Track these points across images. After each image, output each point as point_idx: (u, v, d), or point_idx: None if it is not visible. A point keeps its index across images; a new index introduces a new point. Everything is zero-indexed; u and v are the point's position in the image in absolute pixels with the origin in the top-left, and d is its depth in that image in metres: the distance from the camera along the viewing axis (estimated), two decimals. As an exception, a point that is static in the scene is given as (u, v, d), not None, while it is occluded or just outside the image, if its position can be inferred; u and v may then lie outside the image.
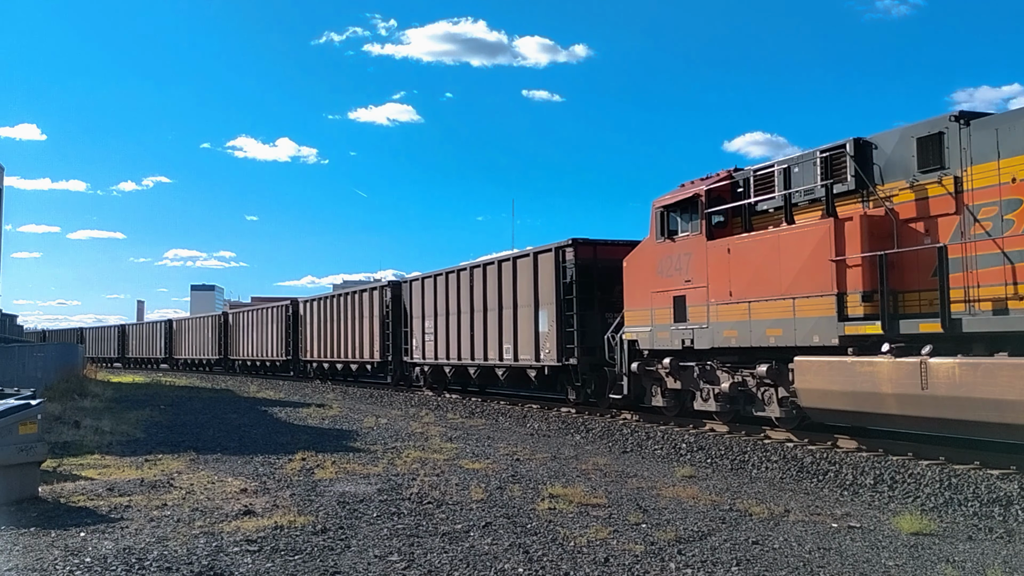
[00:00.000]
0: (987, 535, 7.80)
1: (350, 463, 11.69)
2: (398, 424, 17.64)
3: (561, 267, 18.85)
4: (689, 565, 6.51)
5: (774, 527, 7.91)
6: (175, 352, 57.27)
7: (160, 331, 60.09)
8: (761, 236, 12.89)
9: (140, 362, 63.86)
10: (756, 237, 13.00)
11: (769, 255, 12.50)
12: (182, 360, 56.26)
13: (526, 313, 20.31)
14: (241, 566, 6.41)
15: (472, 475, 10.70)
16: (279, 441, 14.70)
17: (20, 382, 17.69)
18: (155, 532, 7.52)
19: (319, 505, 8.74)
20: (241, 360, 46.42)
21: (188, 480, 10.40)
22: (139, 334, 64.87)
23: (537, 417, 18.35)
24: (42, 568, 6.37)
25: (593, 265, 18.53)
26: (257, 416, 20.08)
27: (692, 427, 15.03)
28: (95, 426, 16.29)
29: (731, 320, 13.25)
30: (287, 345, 39.08)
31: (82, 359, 40.94)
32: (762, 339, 12.61)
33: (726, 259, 13.44)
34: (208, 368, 52.26)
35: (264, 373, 44.19)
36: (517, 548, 6.97)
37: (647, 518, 8.16)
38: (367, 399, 26.34)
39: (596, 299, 18.23)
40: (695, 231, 14.30)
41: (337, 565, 6.49)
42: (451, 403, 23.05)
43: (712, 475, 11.29)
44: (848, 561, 6.71)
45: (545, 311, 19.40)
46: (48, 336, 79.09)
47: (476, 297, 22.76)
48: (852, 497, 9.74)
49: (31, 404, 9.19)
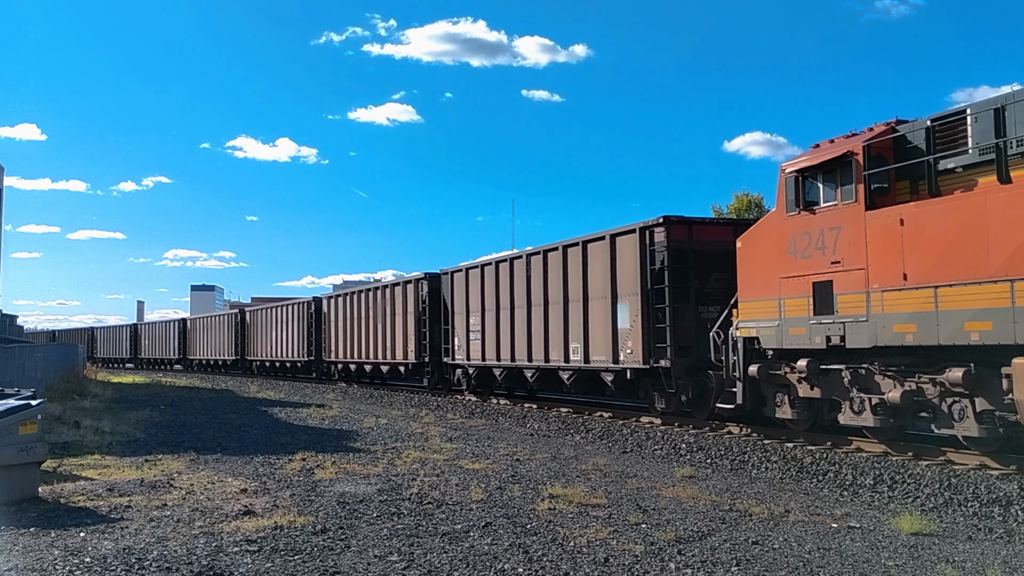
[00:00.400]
0: (987, 535, 7.80)
1: (350, 463, 11.69)
2: (398, 424, 17.64)
3: (648, 251, 15.77)
4: (689, 565, 6.51)
5: (774, 527, 7.91)
6: (189, 352, 54.87)
7: (174, 331, 57.46)
8: (955, 201, 10.06)
9: (153, 363, 61.57)
10: (947, 203, 10.14)
11: (970, 226, 9.66)
12: (197, 361, 53.66)
13: (601, 307, 17.26)
14: (241, 566, 6.41)
15: (472, 475, 10.70)
16: (279, 441, 14.70)
17: (20, 382, 17.71)
18: (155, 532, 7.52)
19: (319, 505, 8.74)
20: (259, 361, 43.73)
21: (188, 480, 10.40)
22: (152, 334, 62.32)
23: (537, 417, 18.34)
24: (42, 568, 6.38)
25: (688, 248, 15.50)
26: (257, 416, 20.08)
27: (692, 427, 15.01)
28: (95, 426, 16.30)
29: (906, 311, 10.44)
30: (309, 345, 36.47)
31: (82, 359, 40.86)
32: (958, 335, 9.73)
33: (897, 233, 10.57)
34: (224, 370, 49.50)
35: (284, 375, 41.60)
36: (517, 548, 6.97)
37: (647, 518, 8.16)
38: (367, 399, 26.34)
39: (692, 290, 15.40)
40: (847, 199, 11.38)
41: (337, 565, 6.49)
42: (452, 403, 23.04)
43: (712, 475, 11.29)
44: (848, 561, 6.71)
45: (626, 304, 16.48)
46: (58, 336, 77.83)
47: (535, 289, 19.89)
48: (852, 497, 9.74)
49: (31, 404, 9.19)
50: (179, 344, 56.07)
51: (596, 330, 17.47)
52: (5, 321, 45.74)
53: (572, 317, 18.33)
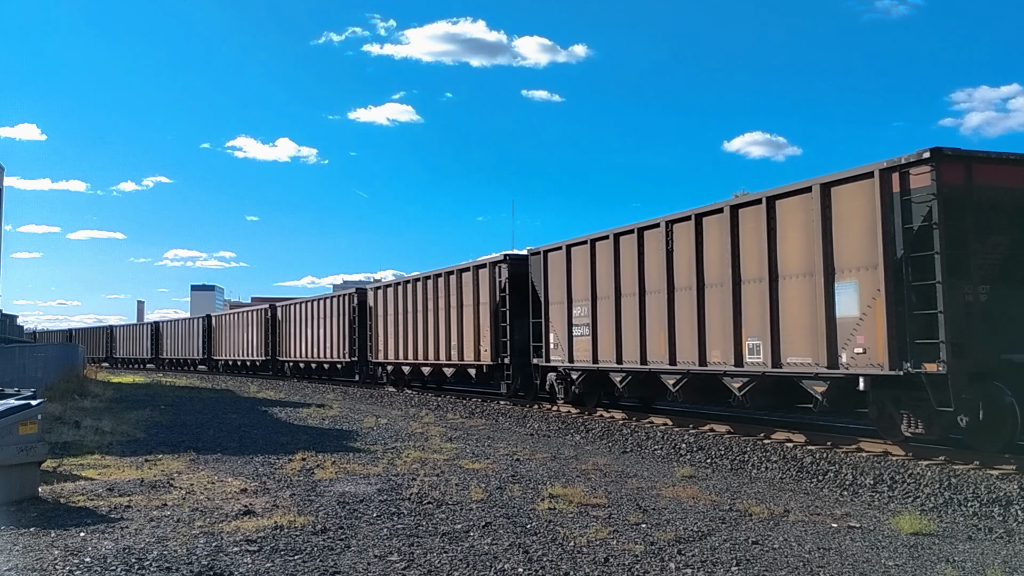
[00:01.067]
0: (987, 535, 7.80)
1: (350, 463, 11.69)
2: (398, 424, 17.64)
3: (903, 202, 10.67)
4: (689, 565, 6.51)
5: (774, 527, 7.91)
6: (214, 352, 50.83)
7: (197, 329, 53.11)
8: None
9: (174, 364, 57.93)
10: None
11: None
12: (222, 362, 49.72)
13: (798, 287, 12.39)
14: (241, 566, 6.41)
15: (472, 475, 10.70)
16: (279, 441, 14.70)
17: (20, 382, 17.70)
18: (155, 532, 7.52)
19: (319, 505, 8.74)
20: (292, 362, 39.82)
21: (188, 480, 10.40)
22: (173, 332, 58.26)
23: (537, 417, 18.34)
24: (42, 568, 6.37)
25: (965, 198, 10.54)
26: (257, 416, 20.08)
27: (692, 427, 15.00)
28: (95, 426, 16.30)
29: None
30: (351, 344, 32.37)
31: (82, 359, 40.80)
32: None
33: None
34: (252, 371, 45.67)
35: (321, 378, 37.58)
36: (517, 548, 6.97)
37: (647, 518, 8.16)
38: (367, 399, 26.34)
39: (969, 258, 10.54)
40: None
41: (337, 565, 6.49)
42: (452, 404, 23.04)
43: (712, 475, 11.28)
44: (848, 561, 6.71)
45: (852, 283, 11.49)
46: (75, 336, 76.17)
47: (679, 269, 15.01)
48: (852, 497, 9.74)
49: (31, 404, 9.19)
50: (203, 344, 51.97)
51: (798, 314, 12.43)
52: (5, 321, 45.69)
53: (748, 302, 13.45)
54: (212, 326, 51.97)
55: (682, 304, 14.94)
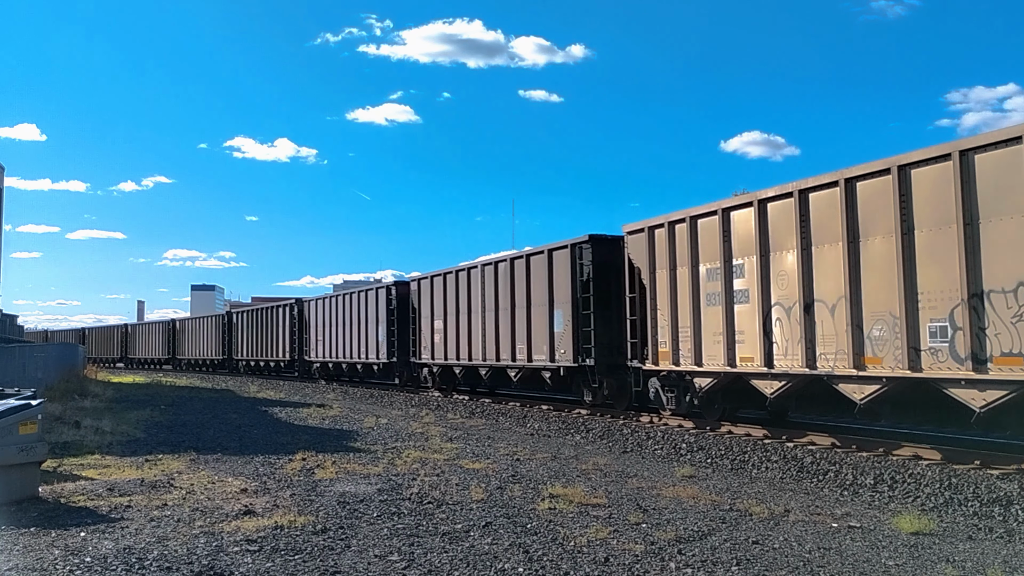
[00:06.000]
0: (987, 535, 7.79)
1: (350, 463, 11.69)
2: (398, 424, 17.64)
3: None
4: (689, 565, 6.51)
5: (774, 527, 7.90)
6: (234, 352, 47.92)
7: (215, 327, 50.55)
8: None
9: (193, 365, 55.39)
10: None
11: None
12: (243, 362, 46.84)
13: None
14: (241, 566, 6.41)
15: (472, 475, 10.70)
16: (279, 441, 14.70)
17: (20, 382, 17.71)
18: (155, 532, 7.52)
19: (319, 505, 8.74)
20: (321, 363, 36.74)
21: (188, 480, 10.40)
22: (191, 330, 55.61)
23: (537, 417, 18.34)
24: (42, 568, 6.37)
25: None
26: (257, 416, 20.08)
27: (692, 427, 15.00)
28: (95, 426, 16.30)
29: None
30: (390, 344, 29.09)
31: (82, 359, 40.78)
32: None
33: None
34: (277, 372, 43.54)
35: (356, 380, 34.21)
36: (517, 548, 6.97)
37: (647, 518, 8.16)
38: (367, 399, 26.34)
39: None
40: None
41: (337, 565, 6.49)
42: (453, 403, 23.03)
43: (712, 475, 11.28)
44: (848, 561, 6.70)
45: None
46: (88, 335, 75.58)
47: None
48: (852, 497, 9.74)
49: (31, 404, 9.19)
50: (222, 343, 50.22)
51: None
52: (5, 321, 45.68)
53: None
54: (232, 324, 48.71)
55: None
